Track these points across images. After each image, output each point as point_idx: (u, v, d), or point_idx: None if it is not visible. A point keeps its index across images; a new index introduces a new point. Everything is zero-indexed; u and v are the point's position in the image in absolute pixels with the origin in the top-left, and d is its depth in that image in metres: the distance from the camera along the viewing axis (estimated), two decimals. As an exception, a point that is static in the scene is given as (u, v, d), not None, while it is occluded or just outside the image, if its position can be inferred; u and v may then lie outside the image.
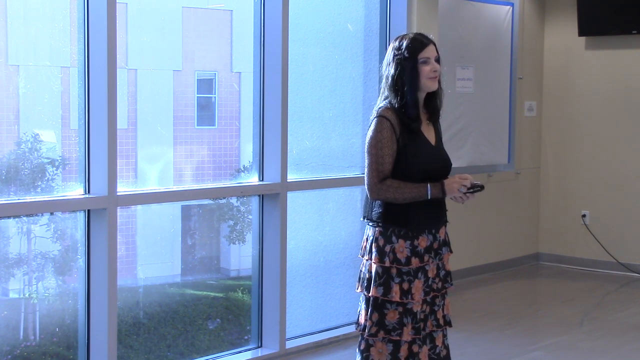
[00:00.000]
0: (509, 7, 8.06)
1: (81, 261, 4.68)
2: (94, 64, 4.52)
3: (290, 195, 5.62)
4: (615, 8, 8.05)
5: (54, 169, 5.11)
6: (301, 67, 5.94)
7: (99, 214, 4.56)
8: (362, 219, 3.82)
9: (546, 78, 8.66)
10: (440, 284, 3.77)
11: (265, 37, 5.42)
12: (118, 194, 4.60)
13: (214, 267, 6.68)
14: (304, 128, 6.04)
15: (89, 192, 4.59)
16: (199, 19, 6.63)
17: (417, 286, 3.66)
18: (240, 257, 6.60)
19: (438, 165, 3.71)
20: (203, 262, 6.65)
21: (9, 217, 4.67)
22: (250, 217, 5.85)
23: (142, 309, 5.74)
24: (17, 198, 4.56)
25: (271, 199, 5.45)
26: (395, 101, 3.62)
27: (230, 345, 5.84)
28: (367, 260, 3.73)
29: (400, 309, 3.64)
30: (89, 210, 4.59)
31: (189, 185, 5.92)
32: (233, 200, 6.26)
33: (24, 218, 4.90)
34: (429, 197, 3.59)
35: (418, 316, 3.68)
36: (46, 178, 5.09)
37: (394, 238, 3.64)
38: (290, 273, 5.72)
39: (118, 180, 4.61)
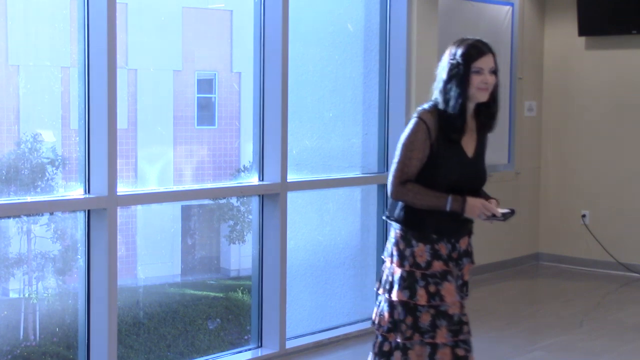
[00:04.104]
0: (509, 7, 8.06)
1: (81, 261, 4.67)
2: (94, 64, 4.52)
3: (290, 195, 5.62)
4: (615, 8, 8.05)
5: (54, 169, 5.11)
6: (301, 67, 5.94)
7: (99, 214, 4.56)
8: (384, 217, 3.79)
9: (546, 78, 8.66)
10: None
11: (265, 37, 5.41)
12: (118, 194, 4.60)
13: (214, 267, 6.68)
14: (304, 128, 6.04)
15: (89, 192, 4.59)
16: (199, 19, 6.63)
17: (448, 288, 3.59)
18: (240, 257, 6.60)
19: (468, 178, 3.60)
20: (203, 262, 6.65)
21: (9, 217, 4.67)
22: (250, 217, 5.85)
23: (142, 309, 5.74)
24: (17, 198, 4.56)
25: (271, 199, 5.45)
26: (442, 107, 3.52)
27: (230, 345, 5.84)
28: (390, 262, 3.68)
29: (433, 311, 3.59)
30: (89, 210, 4.59)
31: (189, 185, 5.92)
32: (233, 200, 6.27)
33: (24, 218, 4.90)
34: (448, 209, 3.51)
35: (455, 319, 3.62)
36: (46, 178, 5.09)
37: (413, 242, 3.59)
38: (290, 273, 5.72)
39: (118, 180, 4.60)
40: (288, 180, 5.50)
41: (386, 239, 6.20)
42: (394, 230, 3.66)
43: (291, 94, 5.47)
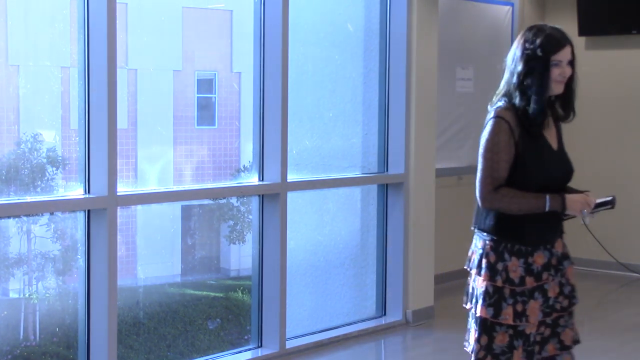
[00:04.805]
0: (509, 7, 8.07)
1: (81, 261, 4.67)
2: (94, 64, 4.52)
3: (290, 195, 5.62)
4: (615, 8, 8.05)
5: (54, 169, 5.11)
6: (301, 67, 5.94)
7: (99, 214, 4.56)
8: (472, 228, 3.50)
9: (546, 78, 8.66)
10: (566, 302, 3.39)
11: (265, 37, 5.41)
12: (118, 194, 4.60)
13: (214, 267, 6.69)
14: (304, 128, 6.04)
15: (89, 192, 4.58)
16: (199, 19, 6.63)
17: (533, 307, 3.30)
18: (240, 257, 6.61)
19: (559, 173, 3.38)
20: (203, 262, 6.65)
21: (9, 217, 4.67)
22: (250, 217, 5.85)
23: (142, 309, 5.75)
24: (17, 198, 4.56)
25: (271, 199, 5.45)
26: (520, 103, 3.28)
27: (230, 345, 5.84)
28: (475, 274, 3.42)
29: (511, 331, 3.30)
30: (89, 210, 4.58)
31: (189, 185, 5.93)
32: (233, 200, 6.27)
33: (24, 218, 4.90)
34: (547, 210, 3.26)
35: (531, 339, 3.33)
36: (46, 178, 5.10)
37: (506, 255, 3.31)
38: (290, 273, 5.71)
39: (118, 180, 4.60)
40: (288, 180, 5.50)
41: (386, 239, 6.26)
42: (482, 240, 3.40)
43: (291, 94, 5.47)
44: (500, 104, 3.35)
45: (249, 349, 5.54)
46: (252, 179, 5.52)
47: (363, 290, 6.35)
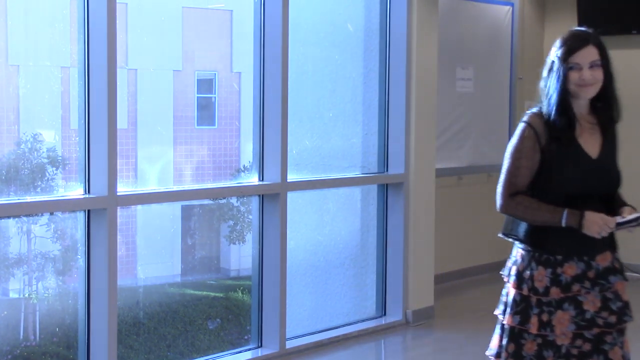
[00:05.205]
0: (509, 7, 8.07)
1: (81, 261, 4.67)
2: (94, 64, 4.52)
3: (290, 195, 5.62)
4: (615, 8, 8.05)
5: (54, 169, 5.12)
6: (301, 67, 5.94)
7: (99, 214, 4.56)
8: (500, 235, 3.43)
9: (546, 78, 8.66)
10: (613, 318, 3.22)
11: (265, 37, 5.41)
12: (118, 194, 4.60)
13: (214, 267, 6.69)
14: (304, 128, 6.04)
15: (89, 192, 4.58)
16: (199, 19, 6.64)
17: (561, 318, 3.20)
18: (240, 257, 6.61)
19: (595, 182, 3.24)
20: (203, 262, 6.66)
21: (9, 217, 4.67)
22: (250, 217, 5.85)
23: (142, 309, 5.75)
24: (17, 198, 4.56)
25: (271, 199, 5.45)
26: (545, 109, 3.23)
27: (230, 345, 5.84)
28: (506, 282, 3.37)
29: (540, 340, 3.22)
30: (89, 210, 4.59)
31: (189, 185, 5.93)
32: (233, 200, 6.27)
33: (24, 218, 4.91)
34: (564, 225, 3.12)
35: (563, 350, 3.21)
36: (46, 178, 5.10)
37: (533, 264, 3.23)
38: (290, 273, 5.72)
39: (118, 180, 4.60)
40: (288, 180, 5.50)
41: (386, 239, 6.26)
42: (516, 248, 3.33)
43: (291, 94, 5.47)
44: (534, 109, 3.30)
45: (249, 349, 5.55)
46: (252, 179, 5.52)
47: (363, 290, 6.35)
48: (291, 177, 5.59)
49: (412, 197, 6.20)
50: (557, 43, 3.23)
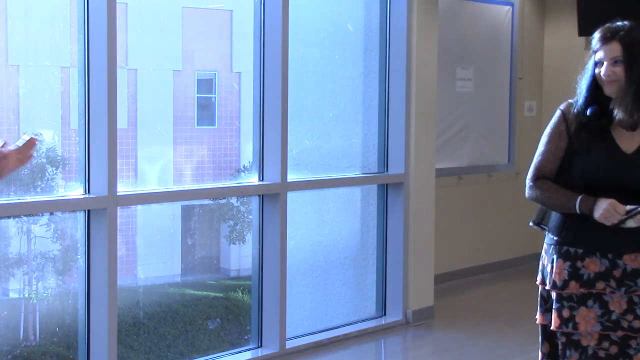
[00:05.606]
0: (509, 7, 8.07)
1: (81, 261, 4.68)
2: (94, 64, 4.52)
3: (290, 195, 5.62)
4: (615, 8, 8.05)
5: (54, 169, 5.12)
6: (301, 67, 5.94)
7: (99, 214, 4.56)
8: (531, 224, 3.39)
9: (546, 78, 8.66)
10: (638, 324, 3.11)
11: (265, 37, 5.41)
12: (118, 194, 4.60)
13: (214, 267, 6.69)
14: (304, 128, 6.04)
15: (89, 192, 4.58)
16: (199, 19, 6.64)
17: (585, 315, 3.10)
18: (240, 257, 6.61)
19: (623, 177, 3.10)
20: (203, 262, 6.66)
21: (9, 217, 4.67)
22: (250, 217, 5.85)
23: (142, 309, 5.75)
24: (17, 198, 4.56)
25: (271, 199, 5.45)
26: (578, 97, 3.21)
27: (230, 345, 5.84)
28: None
29: (564, 339, 3.15)
30: (89, 210, 4.59)
31: (189, 185, 5.93)
32: (233, 200, 6.27)
33: (24, 218, 4.91)
34: (578, 211, 3.06)
35: (589, 352, 3.11)
36: (46, 178, 5.10)
37: (554, 256, 3.17)
38: (290, 273, 5.72)
39: (118, 180, 4.60)
40: (288, 180, 5.50)
41: (386, 239, 6.26)
42: (544, 243, 3.28)
43: (291, 94, 5.47)
44: (570, 100, 3.27)
45: (249, 349, 5.55)
46: (252, 179, 5.52)
47: (363, 290, 6.35)
48: (291, 177, 5.59)
49: (412, 197, 6.20)
50: (594, 35, 3.23)
